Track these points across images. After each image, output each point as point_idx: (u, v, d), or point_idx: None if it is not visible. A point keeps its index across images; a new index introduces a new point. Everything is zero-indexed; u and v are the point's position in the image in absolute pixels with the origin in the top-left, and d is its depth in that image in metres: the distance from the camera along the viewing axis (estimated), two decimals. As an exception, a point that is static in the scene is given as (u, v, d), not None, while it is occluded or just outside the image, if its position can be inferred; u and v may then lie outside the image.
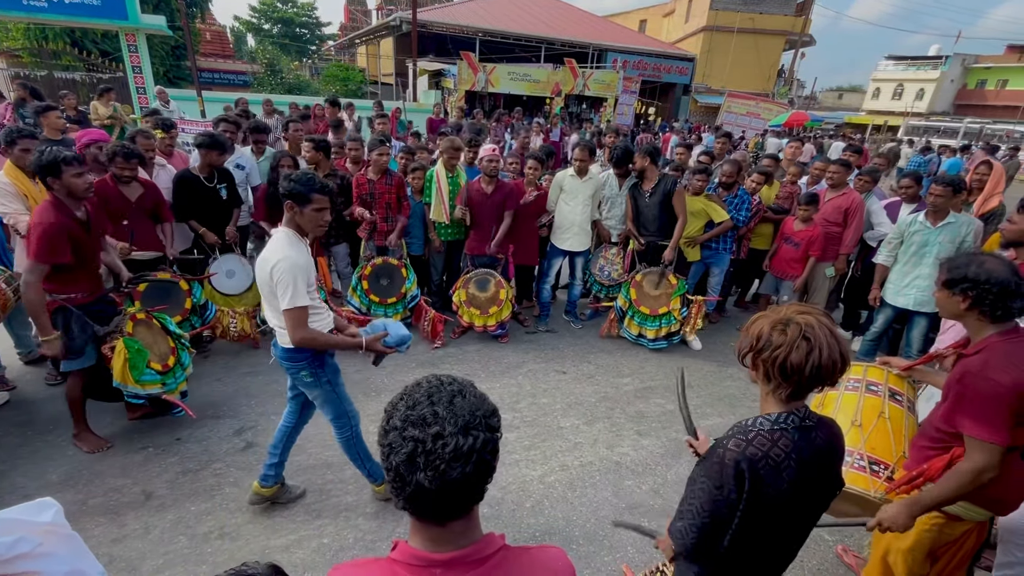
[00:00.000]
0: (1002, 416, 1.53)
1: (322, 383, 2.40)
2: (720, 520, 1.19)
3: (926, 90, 34.48)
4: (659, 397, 3.90)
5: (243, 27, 36.12)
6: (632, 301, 4.48)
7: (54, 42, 14.91)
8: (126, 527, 2.48)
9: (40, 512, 1.04)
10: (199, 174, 3.90)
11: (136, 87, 13.01)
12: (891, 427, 2.04)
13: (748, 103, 17.14)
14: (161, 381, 2.94)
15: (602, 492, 2.90)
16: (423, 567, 0.79)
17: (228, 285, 4.10)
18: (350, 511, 2.67)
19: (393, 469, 0.75)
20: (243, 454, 3.03)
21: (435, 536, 0.80)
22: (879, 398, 2.12)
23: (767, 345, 1.19)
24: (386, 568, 0.81)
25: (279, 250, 2.11)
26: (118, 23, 12.34)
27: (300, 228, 2.22)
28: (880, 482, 1.92)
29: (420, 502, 0.76)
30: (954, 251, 3.60)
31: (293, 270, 2.08)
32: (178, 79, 19.89)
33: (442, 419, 0.74)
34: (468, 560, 0.80)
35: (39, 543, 0.92)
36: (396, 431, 0.76)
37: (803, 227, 4.48)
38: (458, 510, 0.79)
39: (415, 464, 0.73)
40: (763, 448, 1.16)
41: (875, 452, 2.00)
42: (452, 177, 4.52)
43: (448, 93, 17.97)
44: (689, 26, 28.36)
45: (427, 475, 0.72)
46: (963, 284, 1.64)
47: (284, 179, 2.17)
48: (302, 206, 2.16)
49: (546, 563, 0.88)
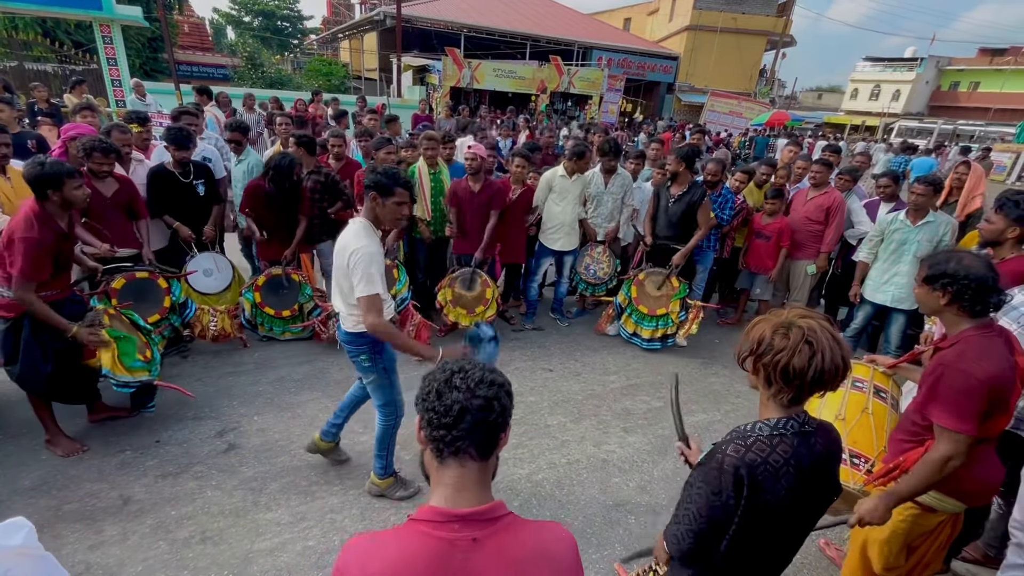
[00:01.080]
0: (972, 407, 1.57)
1: (378, 369, 2.53)
2: (717, 525, 1.18)
3: (902, 91, 35.28)
4: (645, 394, 3.93)
5: (223, 19, 35.41)
6: (632, 299, 4.46)
7: (24, 32, 14.42)
8: (103, 533, 2.41)
9: (10, 535, 0.98)
10: (174, 169, 3.79)
11: (111, 79, 12.65)
12: (874, 422, 2.08)
13: (731, 102, 17.35)
14: (147, 368, 2.91)
15: (589, 490, 2.91)
16: (443, 522, 0.87)
17: (205, 284, 4.01)
18: (335, 513, 2.63)
19: (432, 391, 0.91)
20: (225, 456, 2.97)
21: (457, 482, 0.90)
22: (864, 394, 2.16)
23: (768, 349, 1.17)
24: (405, 527, 0.90)
25: (358, 239, 2.21)
26: (92, 13, 11.97)
27: (377, 219, 2.32)
28: (859, 474, 1.95)
29: (452, 423, 0.88)
30: (932, 249, 3.68)
31: (369, 258, 2.19)
32: (155, 72, 19.41)
33: (466, 367, 0.94)
34: (483, 517, 0.89)
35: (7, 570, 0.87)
36: (436, 371, 0.94)
37: (770, 220, 4.62)
38: (480, 445, 0.90)
39: (452, 385, 0.90)
40: (762, 454, 1.15)
41: (856, 446, 2.04)
42: (435, 173, 4.46)
43: (433, 89, 17.83)
44: (673, 25, 28.58)
45: (461, 391, 0.89)
46: (943, 280, 1.68)
47: (370, 171, 2.31)
48: (385, 198, 2.26)
49: (552, 533, 0.96)
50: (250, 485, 2.77)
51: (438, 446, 0.90)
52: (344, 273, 2.26)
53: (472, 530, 0.87)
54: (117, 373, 2.74)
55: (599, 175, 4.70)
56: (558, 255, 4.70)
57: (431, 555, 0.85)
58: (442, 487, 0.91)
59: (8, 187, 3.08)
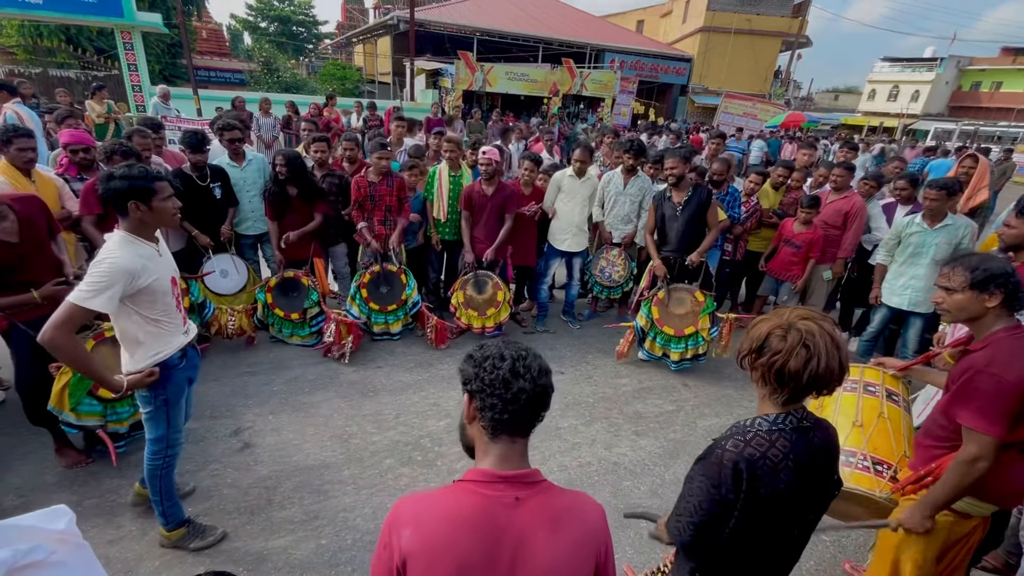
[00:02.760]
0: (1002, 410, 1.56)
1: (158, 401, 2.12)
2: (716, 518, 1.19)
3: (921, 92, 34.66)
4: (657, 397, 3.91)
5: (240, 25, 35.95)
6: (654, 321, 4.07)
7: (49, 39, 14.81)
8: (123, 528, 2.47)
9: (55, 520, 1.03)
10: (190, 172, 3.87)
11: (132, 85, 12.94)
12: (891, 427, 2.06)
13: (745, 104, 17.22)
14: (101, 413, 2.70)
15: (600, 493, 2.91)
16: (489, 481, 0.98)
17: (222, 285, 4.09)
18: (348, 512, 2.66)
19: (499, 379, 0.97)
20: (240, 455, 3.02)
21: (504, 453, 1.01)
22: (877, 399, 2.13)
23: (766, 349, 1.19)
24: (455, 486, 1.00)
25: (108, 250, 1.87)
26: (114, 20, 12.27)
27: (144, 226, 1.96)
28: (884, 482, 1.93)
29: (516, 405, 0.97)
30: (951, 253, 3.62)
31: (109, 270, 1.81)
32: (174, 77, 19.77)
33: (521, 350, 1.02)
34: (526, 480, 1.00)
35: (52, 551, 0.91)
36: (494, 356, 1.00)
37: (803, 229, 4.47)
38: (531, 425, 1.02)
39: (517, 372, 0.98)
40: (761, 449, 1.17)
41: (878, 452, 2.01)
42: (455, 176, 4.51)
43: (446, 92, 17.94)
44: (686, 27, 28.42)
45: (526, 379, 0.98)
46: (997, 281, 1.66)
47: (108, 178, 1.89)
48: (149, 201, 1.92)
49: (585, 500, 1.07)
50: (264, 483, 2.81)
51: (496, 427, 0.99)
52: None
53: (515, 490, 0.98)
54: (62, 410, 2.57)
55: (618, 175, 4.64)
56: (567, 256, 4.70)
57: (480, 509, 0.96)
58: (491, 456, 1.01)
59: (35, 192, 3.16)
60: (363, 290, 4.22)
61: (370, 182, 4.19)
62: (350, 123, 10.25)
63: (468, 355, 1.04)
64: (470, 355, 1.03)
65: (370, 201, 4.22)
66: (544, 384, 1.00)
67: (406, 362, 4.13)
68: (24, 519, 1.02)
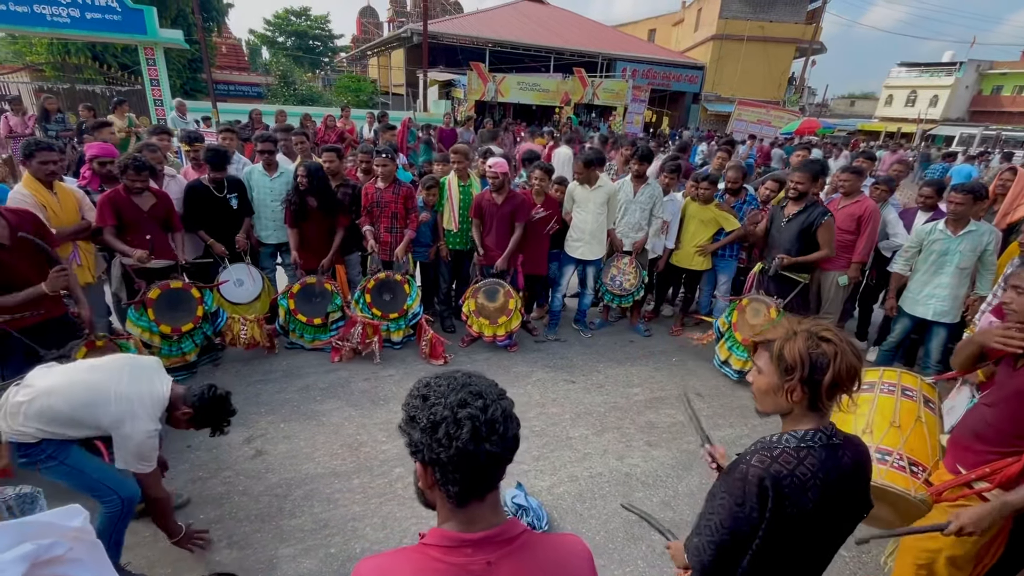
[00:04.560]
0: None
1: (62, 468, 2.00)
2: (740, 538, 1.15)
3: (940, 96, 34.10)
4: (669, 407, 3.86)
5: (258, 40, 36.87)
6: (732, 324, 4.15)
7: (76, 56, 15.30)
8: (137, 534, 2.48)
9: (71, 518, 1.06)
10: (208, 184, 3.95)
11: (153, 99, 13.29)
12: (927, 431, 2.03)
13: (759, 111, 17.10)
14: None
15: (612, 504, 2.86)
16: (455, 547, 0.84)
17: (237, 294, 4.15)
18: (357, 521, 2.66)
19: (459, 452, 0.79)
20: (252, 462, 3.04)
21: (471, 517, 0.85)
22: (915, 403, 2.12)
23: (820, 364, 1.13)
24: (417, 552, 0.86)
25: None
26: (138, 37, 12.64)
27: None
28: (919, 483, 1.88)
29: (484, 473, 0.82)
30: (975, 260, 3.53)
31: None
32: (194, 91, 20.30)
33: (479, 394, 0.83)
34: (497, 539, 0.85)
35: (70, 547, 0.93)
36: (447, 420, 0.79)
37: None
38: (501, 474, 0.85)
39: (479, 436, 0.79)
40: (788, 466, 1.13)
41: (914, 453, 1.98)
42: (464, 186, 4.54)
43: (458, 103, 18.13)
44: (698, 35, 28.42)
45: (492, 441, 0.80)
46: None
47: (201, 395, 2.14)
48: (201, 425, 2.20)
49: (568, 547, 0.94)
50: (275, 491, 2.82)
51: (464, 497, 0.84)
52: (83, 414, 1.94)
53: (486, 554, 0.84)
54: None
55: (628, 183, 4.64)
56: (581, 265, 4.68)
57: None
58: (455, 521, 0.87)
59: (56, 203, 3.25)
60: (367, 295, 4.26)
61: (377, 189, 4.26)
62: (361, 134, 10.38)
63: (409, 416, 0.84)
64: (412, 417, 0.83)
65: (376, 207, 4.28)
66: (515, 434, 0.84)
67: (416, 371, 4.13)
68: (42, 516, 1.05)
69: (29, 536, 0.89)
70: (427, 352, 4.30)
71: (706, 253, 4.67)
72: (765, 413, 1.27)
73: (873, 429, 2.06)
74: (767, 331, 1.26)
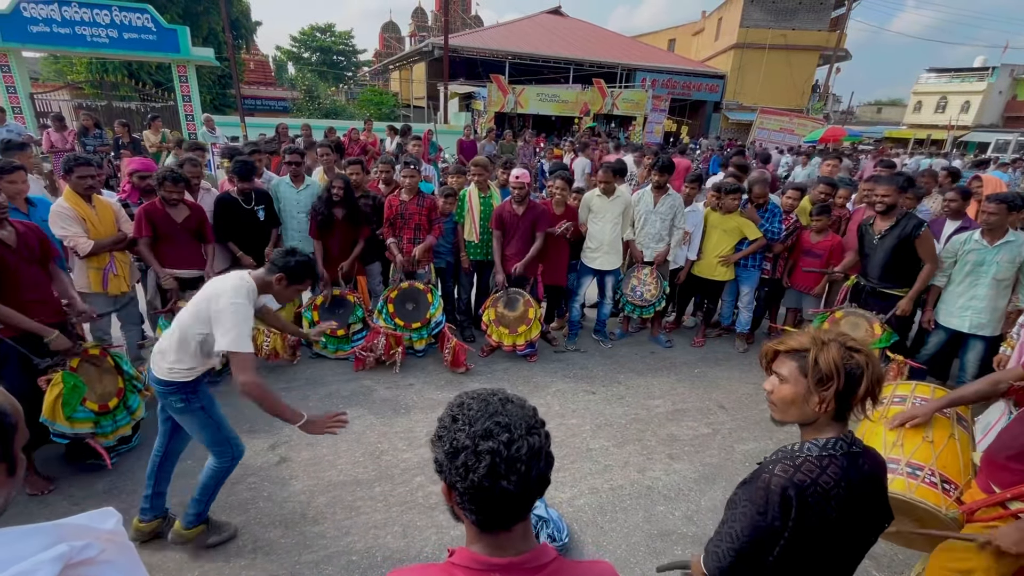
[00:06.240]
0: None
1: (194, 408, 2.29)
2: (759, 546, 1.14)
3: (972, 102, 33.13)
4: (692, 420, 3.80)
5: (284, 56, 37.97)
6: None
7: (113, 75, 16.03)
8: (164, 538, 2.55)
9: (104, 520, 1.09)
10: (237, 196, 4.08)
11: (185, 114, 13.80)
12: (959, 448, 1.97)
13: (781, 119, 16.90)
14: (94, 421, 2.77)
15: (633, 517, 2.83)
16: (483, 571, 0.81)
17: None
18: (379, 529, 2.68)
19: (474, 486, 0.76)
20: (277, 468, 3.09)
21: (499, 542, 0.82)
22: (948, 420, 2.05)
23: (854, 374, 1.13)
24: (445, 571, 0.83)
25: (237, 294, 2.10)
26: (171, 56, 13.18)
27: (268, 289, 2.25)
28: (951, 501, 1.83)
29: (502, 509, 0.78)
30: (1013, 271, 3.43)
31: (244, 317, 2.08)
32: (223, 106, 20.98)
33: (507, 426, 0.78)
34: (526, 567, 0.82)
35: (103, 549, 0.96)
36: (467, 450, 0.76)
37: (820, 238, 4.46)
38: (528, 509, 0.81)
39: (497, 473, 0.75)
40: (811, 475, 1.12)
41: (946, 470, 1.92)
42: (485, 197, 4.59)
43: (478, 115, 18.34)
44: (719, 44, 28.27)
45: (511, 480, 0.75)
46: None
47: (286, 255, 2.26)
48: (291, 284, 2.27)
49: (600, 574, 0.90)
50: (299, 498, 2.86)
51: (486, 526, 0.81)
52: (200, 318, 2.11)
53: None
54: (55, 421, 2.60)
55: (648, 193, 4.63)
56: (599, 275, 4.67)
57: None
58: (482, 543, 0.84)
59: (95, 216, 3.39)
60: (390, 305, 4.31)
61: (401, 201, 4.33)
62: (384, 146, 10.58)
63: (437, 434, 0.83)
64: (439, 436, 0.82)
65: (400, 219, 4.34)
66: (540, 474, 0.79)
67: (437, 380, 4.16)
68: (77, 519, 1.08)
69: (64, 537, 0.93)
70: (450, 360, 4.33)
71: (729, 263, 4.62)
72: (783, 423, 1.25)
73: (904, 442, 2.01)
74: (788, 339, 1.25)
